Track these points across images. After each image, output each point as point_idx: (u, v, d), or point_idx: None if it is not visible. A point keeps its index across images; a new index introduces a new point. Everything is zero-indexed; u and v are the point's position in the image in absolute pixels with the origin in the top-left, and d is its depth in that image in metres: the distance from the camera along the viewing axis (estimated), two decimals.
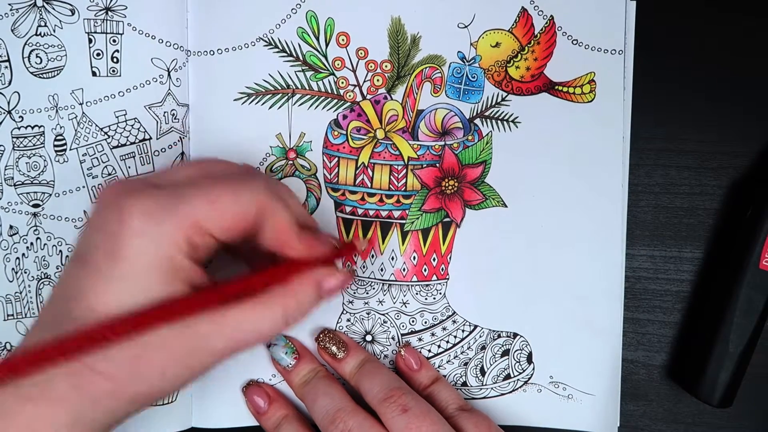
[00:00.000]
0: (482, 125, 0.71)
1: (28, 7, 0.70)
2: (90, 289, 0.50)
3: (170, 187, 0.54)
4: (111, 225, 0.51)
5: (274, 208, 0.55)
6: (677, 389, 0.74)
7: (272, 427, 0.68)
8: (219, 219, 0.52)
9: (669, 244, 0.74)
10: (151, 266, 0.50)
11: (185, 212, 0.51)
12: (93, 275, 0.51)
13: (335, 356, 0.69)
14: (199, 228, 0.52)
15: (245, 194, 0.53)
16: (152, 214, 0.51)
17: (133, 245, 0.50)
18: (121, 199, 0.51)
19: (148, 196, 0.52)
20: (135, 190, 0.52)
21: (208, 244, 0.53)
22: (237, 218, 0.53)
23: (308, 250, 0.57)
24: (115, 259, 0.50)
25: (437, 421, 0.62)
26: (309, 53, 0.70)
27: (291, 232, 0.56)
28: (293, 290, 0.56)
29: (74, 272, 0.52)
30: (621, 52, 0.71)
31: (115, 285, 0.50)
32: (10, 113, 0.70)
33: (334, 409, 0.64)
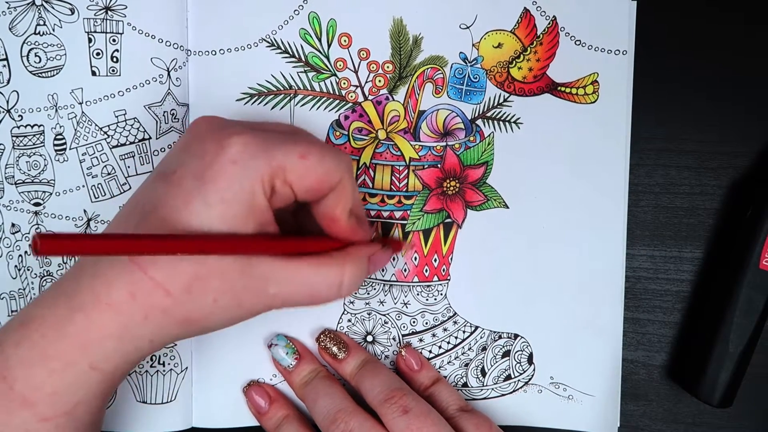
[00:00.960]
0: (484, 126, 0.71)
1: (26, 6, 0.70)
2: (169, 204, 0.51)
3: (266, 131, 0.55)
4: (208, 148, 0.52)
5: (345, 186, 0.56)
6: (677, 389, 0.74)
7: (273, 427, 0.68)
8: (304, 174, 0.54)
9: (669, 244, 0.74)
10: (235, 195, 0.51)
11: (277, 156, 0.52)
12: (175, 190, 0.52)
13: (336, 356, 0.69)
14: (284, 176, 0.53)
15: (332, 161, 0.55)
16: (250, 150, 0.52)
17: (226, 170, 0.51)
18: (222, 129, 0.53)
19: (248, 131, 0.53)
20: (235, 125, 0.55)
21: (285, 194, 0.54)
22: (318, 179, 0.54)
23: (351, 233, 0.59)
24: (204, 180, 0.51)
25: (438, 422, 0.62)
26: (311, 54, 0.70)
27: (345, 213, 0.58)
28: (353, 258, 0.59)
29: (155, 186, 0.54)
30: (624, 52, 0.71)
31: (196, 204, 0.51)
32: (9, 112, 0.70)
33: (335, 409, 0.64)
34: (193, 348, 0.71)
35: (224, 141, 0.52)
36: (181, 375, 0.70)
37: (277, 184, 0.53)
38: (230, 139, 0.52)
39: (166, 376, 0.70)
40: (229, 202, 0.51)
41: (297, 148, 0.53)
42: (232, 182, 0.51)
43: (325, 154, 0.54)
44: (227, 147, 0.52)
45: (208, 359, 0.71)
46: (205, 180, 0.51)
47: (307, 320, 0.71)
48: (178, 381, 0.70)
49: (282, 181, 0.53)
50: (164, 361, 0.70)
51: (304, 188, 0.54)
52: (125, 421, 0.70)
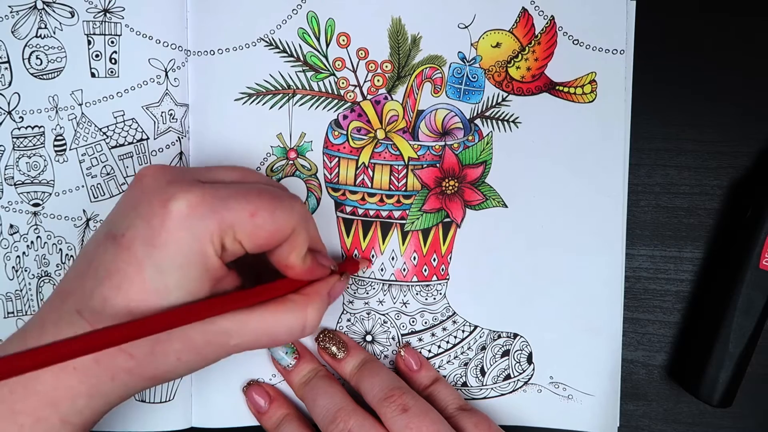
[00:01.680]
0: (483, 125, 0.71)
1: (28, 10, 0.70)
2: (122, 271, 0.51)
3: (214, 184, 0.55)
4: (154, 211, 0.52)
5: (298, 235, 0.56)
6: (677, 389, 0.74)
7: (273, 427, 0.69)
8: (253, 231, 0.53)
9: (669, 244, 0.74)
10: (187, 260, 0.51)
11: (226, 216, 0.52)
12: (126, 257, 0.52)
13: (335, 356, 0.69)
14: (233, 234, 0.53)
15: (283, 215, 0.55)
16: (196, 209, 0.52)
17: (175, 236, 0.51)
18: (168, 187, 0.53)
19: (194, 190, 0.53)
20: (182, 181, 0.54)
21: (235, 250, 0.54)
22: (269, 235, 0.54)
23: (307, 275, 0.60)
24: (155, 246, 0.51)
25: (437, 421, 0.62)
26: (309, 54, 0.70)
27: (298, 259, 0.58)
28: (313, 299, 0.59)
29: (106, 249, 0.53)
30: (622, 51, 0.71)
31: (150, 273, 0.51)
32: (10, 114, 0.70)
33: (335, 408, 0.64)
34: None
35: (170, 203, 0.52)
36: None
37: (226, 242, 0.53)
38: (176, 200, 0.52)
39: None
40: (182, 268, 0.51)
41: (247, 205, 0.53)
42: (182, 248, 0.51)
43: (275, 209, 0.54)
44: (173, 210, 0.51)
45: None
46: (154, 247, 0.51)
47: None
48: (177, 381, 0.70)
49: (231, 239, 0.53)
50: None
51: (254, 245, 0.54)
52: (124, 421, 0.70)
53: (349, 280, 0.72)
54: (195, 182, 0.54)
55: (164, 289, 0.51)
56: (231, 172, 0.59)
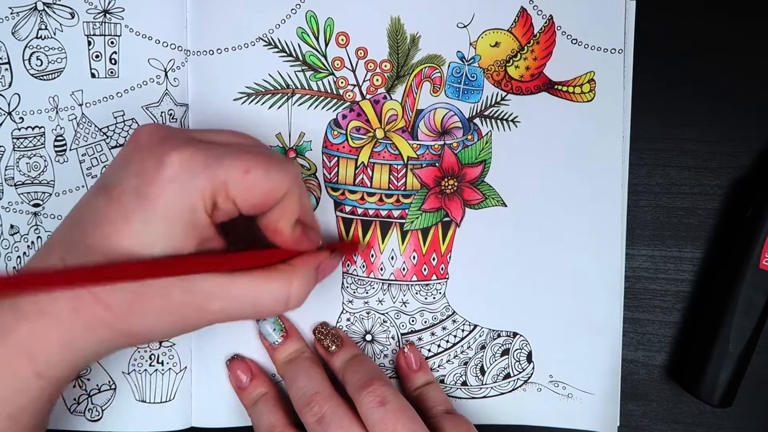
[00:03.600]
0: (482, 125, 0.71)
1: (28, 11, 0.71)
2: (110, 221, 0.51)
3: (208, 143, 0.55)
4: (147, 164, 0.52)
5: (291, 198, 0.56)
6: (677, 389, 0.74)
7: (249, 404, 0.69)
8: (246, 189, 0.53)
9: (669, 244, 0.74)
10: (176, 214, 0.51)
11: (219, 172, 0.52)
12: (116, 208, 0.52)
13: (328, 349, 0.69)
14: (226, 191, 0.53)
15: (278, 175, 0.54)
16: (189, 165, 0.51)
17: (165, 189, 0.51)
18: (163, 142, 0.53)
19: (189, 146, 0.52)
20: (176, 137, 0.54)
21: (228, 209, 0.54)
22: (263, 194, 0.54)
23: (295, 244, 0.59)
24: (144, 198, 0.51)
25: (413, 419, 0.61)
26: (308, 53, 0.71)
27: (288, 225, 0.57)
28: (300, 271, 0.58)
29: (96, 201, 0.53)
30: (621, 51, 0.71)
31: (137, 223, 0.51)
32: (10, 114, 0.71)
33: (312, 391, 0.64)
34: (193, 347, 0.71)
35: (164, 157, 0.52)
36: (180, 374, 0.71)
37: (219, 200, 0.53)
38: (170, 155, 0.51)
39: (165, 375, 0.70)
40: (169, 221, 0.51)
41: (240, 162, 0.53)
42: (172, 202, 0.51)
43: (270, 168, 0.54)
44: (167, 164, 0.51)
45: (207, 359, 0.71)
46: (144, 199, 0.51)
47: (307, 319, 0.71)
48: (177, 380, 0.71)
49: (224, 197, 0.53)
50: (163, 360, 0.71)
51: (247, 203, 0.54)
52: (124, 420, 0.70)
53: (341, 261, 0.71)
54: (190, 140, 0.54)
55: (149, 241, 0.51)
56: (227, 134, 0.59)
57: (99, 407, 0.70)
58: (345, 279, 0.72)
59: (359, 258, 0.71)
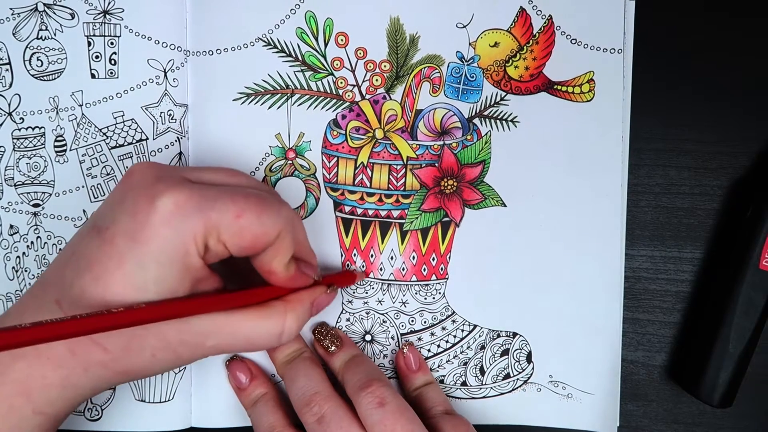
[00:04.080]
0: (481, 125, 0.71)
1: (29, 12, 0.71)
2: (102, 264, 0.52)
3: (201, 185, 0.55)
4: (140, 207, 0.52)
5: (283, 241, 0.56)
6: (677, 389, 0.74)
7: (249, 405, 0.69)
8: (238, 233, 0.53)
9: (669, 244, 0.74)
10: (168, 257, 0.52)
11: (211, 215, 0.52)
12: (108, 250, 0.52)
13: (328, 349, 0.69)
14: (218, 234, 0.53)
15: (269, 219, 0.55)
16: (181, 207, 0.52)
17: (158, 233, 0.51)
18: (156, 183, 0.53)
19: (181, 188, 0.53)
20: (169, 179, 0.54)
21: (219, 251, 0.55)
22: (254, 238, 0.54)
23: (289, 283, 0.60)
24: (138, 241, 0.51)
25: (412, 420, 0.61)
26: (308, 53, 0.71)
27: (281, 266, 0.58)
28: (293, 307, 0.59)
29: (90, 241, 0.54)
30: (620, 51, 0.71)
31: (129, 266, 0.51)
32: (10, 115, 0.71)
33: (311, 391, 0.64)
34: None
35: (157, 199, 0.52)
36: (179, 374, 0.71)
37: (210, 243, 0.53)
38: (163, 197, 0.52)
39: (164, 375, 0.70)
40: (162, 264, 0.52)
41: (233, 206, 0.53)
42: (164, 245, 0.51)
43: (263, 212, 0.54)
44: (159, 206, 0.52)
45: (207, 359, 0.70)
46: (137, 242, 0.51)
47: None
48: (177, 380, 0.71)
49: (216, 239, 0.53)
50: None
51: (238, 247, 0.54)
52: (123, 420, 0.70)
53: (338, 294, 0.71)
54: (183, 181, 0.54)
55: (143, 285, 0.51)
56: (221, 173, 0.59)
57: (98, 407, 0.70)
58: None
59: (359, 258, 0.71)
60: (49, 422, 0.54)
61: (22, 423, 0.52)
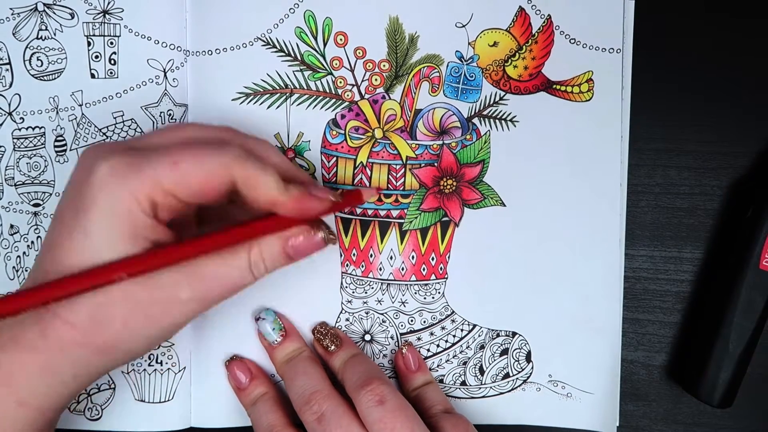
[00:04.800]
0: (480, 124, 0.71)
1: (29, 12, 0.71)
2: (57, 242, 0.52)
3: (144, 149, 0.54)
4: (80, 177, 0.53)
5: (247, 171, 0.53)
6: (677, 389, 0.73)
7: (249, 404, 0.69)
8: (181, 182, 0.52)
9: (669, 244, 0.74)
10: (112, 220, 0.51)
11: (147, 173, 0.51)
12: (59, 228, 0.53)
13: (327, 348, 0.69)
14: (161, 189, 0.52)
15: (211, 160, 0.53)
16: (117, 171, 0.51)
17: (97, 198, 0.51)
18: (94, 158, 0.53)
19: (118, 155, 0.52)
20: (108, 150, 0.53)
21: (172, 204, 0.53)
22: (201, 182, 0.53)
23: (298, 204, 0.55)
24: (78, 211, 0.51)
25: (412, 418, 0.61)
26: (307, 53, 0.71)
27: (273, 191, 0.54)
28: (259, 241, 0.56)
29: (50, 227, 0.55)
30: (619, 50, 0.71)
31: (78, 237, 0.51)
32: (11, 114, 0.71)
33: (311, 390, 0.64)
34: (192, 348, 0.71)
35: (92, 168, 0.52)
36: (179, 374, 0.71)
37: (157, 199, 0.52)
38: (97, 165, 0.52)
39: (164, 375, 0.70)
40: (107, 229, 0.51)
41: (167, 157, 0.52)
42: (105, 209, 0.51)
43: (202, 155, 0.53)
44: (94, 174, 0.51)
45: (206, 359, 0.71)
46: (79, 211, 0.51)
47: (306, 319, 0.71)
48: (176, 380, 0.71)
49: (162, 194, 0.52)
50: (162, 360, 0.71)
51: (188, 194, 0.53)
52: (123, 420, 0.70)
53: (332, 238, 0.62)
54: (122, 149, 0.53)
55: (94, 251, 0.51)
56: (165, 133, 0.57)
57: (98, 406, 0.70)
58: (344, 279, 0.72)
59: (358, 258, 0.71)
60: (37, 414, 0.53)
61: (6, 415, 0.52)
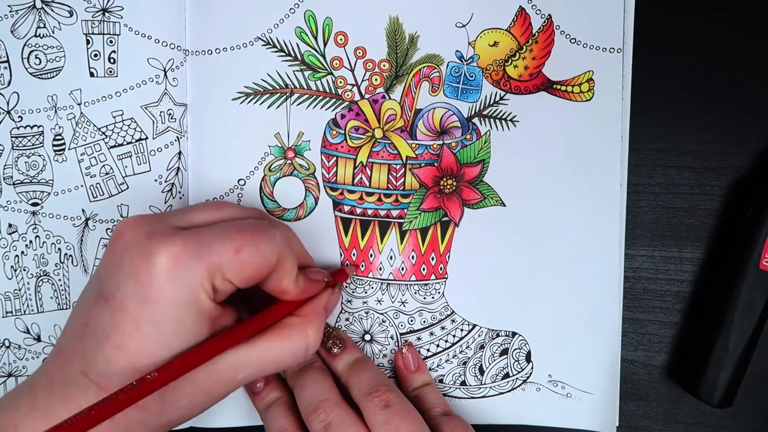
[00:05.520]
0: (480, 124, 0.71)
1: (27, 9, 0.71)
2: (121, 331, 0.52)
3: (192, 230, 0.56)
4: (140, 268, 0.53)
5: (284, 262, 0.58)
6: (677, 389, 0.73)
7: (263, 408, 0.69)
8: (241, 268, 0.54)
9: (669, 244, 0.74)
10: (181, 310, 0.53)
11: (211, 260, 0.53)
12: (122, 317, 0.53)
13: (330, 351, 0.69)
14: (222, 274, 0.54)
15: (267, 246, 0.56)
16: (180, 259, 0.53)
17: (164, 290, 0.52)
18: (148, 242, 0.54)
19: (174, 240, 0.53)
20: (160, 233, 0.54)
21: (227, 289, 0.56)
22: (257, 269, 0.55)
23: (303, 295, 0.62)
24: (147, 302, 0.52)
25: (417, 421, 0.62)
26: (307, 53, 0.70)
27: (291, 283, 0.59)
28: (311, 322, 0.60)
29: (100, 311, 0.54)
30: (619, 50, 0.71)
31: (147, 328, 0.52)
32: (9, 113, 0.71)
33: (319, 399, 0.64)
34: None
35: (153, 258, 0.52)
36: None
37: (217, 284, 0.54)
38: (159, 254, 0.52)
39: None
40: (177, 318, 0.52)
41: (230, 245, 0.54)
42: (174, 299, 0.52)
43: (259, 241, 0.55)
44: (158, 264, 0.52)
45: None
46: (147, 303, 0.52)
47: None
48: None
49: (221, 279, 0.54)
50: None
51: (243, 279, 0.55)
52: None
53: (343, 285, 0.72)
54: (174, 230, 0.55)
55: (164, 341, 0.52)
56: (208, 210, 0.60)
57: None
58: None
59: (358, 257, 0.71)
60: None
61: None
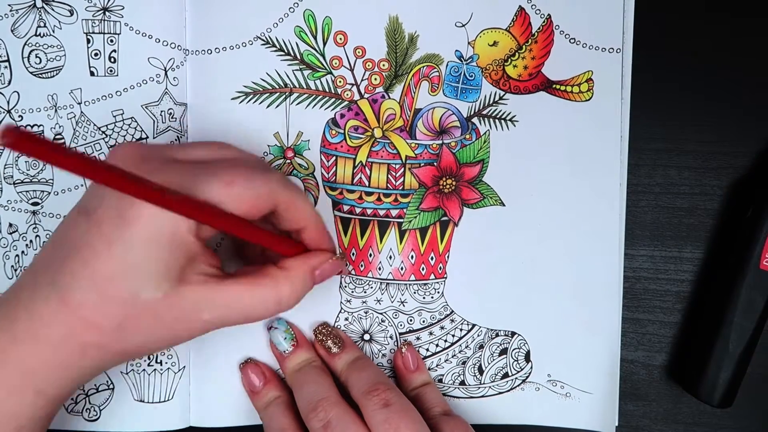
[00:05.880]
0: (480, 124, 0.71)
1: (27, 8, 0.71)
2: (92, 246, 0.52)
3: (188, 163, 0.55)
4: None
5: (291, 197, 0.57)
6: (677, 389, 0.73)
7: (262, 407, 0.69)
8: (232, 203, 0.53)
9: (669, 244, 0.74)
10: (156, 236, 0.51)
11: (201, 192, 0.52)
12: (96, 232, 0.52)
13: (330, 350, 0.69)
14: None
15: (259, 182, 0.55)
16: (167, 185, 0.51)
17: (144, 212, 0.51)
18: (141, 164, 0.53)
19: (168, 169, 0.53)
20: (155, 159, 0.54)
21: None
22: (250, 204, 0.54)
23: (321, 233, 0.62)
24: (124, 221, 0.51)
25: (416, 420, 0.62)
26: (306, 52, 0.70)
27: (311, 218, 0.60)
28: (290, 276, 0.59)
29: (77, 225, 0.54)
30: (618, 50, 0.71)
31: (118, 248, 0.51)
32: (9, 112, 0.71)
33: (318, 398, 0.64)
34: (192, 347, 0.71)
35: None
36: (178, 374, 0.70)
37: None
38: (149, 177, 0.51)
39: (163, 374, 0.70)
40: (151, 245, 0.51)
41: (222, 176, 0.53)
42: (151, 225, 0.51)
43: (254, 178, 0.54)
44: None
45: (206, 358, 0.71)
46: (124, 223, 0.51)
47: (305, 319, 0.71)
48: (176, 380, 0.70)
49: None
50: (161, 360, 0.70)
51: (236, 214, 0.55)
52: (122, 420, 0.70)
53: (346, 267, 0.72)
54: (168, 160, 0.55)
55: (132, 268, 0.51)
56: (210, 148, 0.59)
57: (97, 407, 0.70)
58: (343, 278, 0.71)
59: (357, 257, 0.71)
60: (49, 404, 0.55)
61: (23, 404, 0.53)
